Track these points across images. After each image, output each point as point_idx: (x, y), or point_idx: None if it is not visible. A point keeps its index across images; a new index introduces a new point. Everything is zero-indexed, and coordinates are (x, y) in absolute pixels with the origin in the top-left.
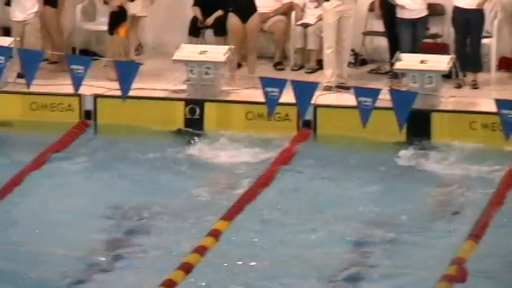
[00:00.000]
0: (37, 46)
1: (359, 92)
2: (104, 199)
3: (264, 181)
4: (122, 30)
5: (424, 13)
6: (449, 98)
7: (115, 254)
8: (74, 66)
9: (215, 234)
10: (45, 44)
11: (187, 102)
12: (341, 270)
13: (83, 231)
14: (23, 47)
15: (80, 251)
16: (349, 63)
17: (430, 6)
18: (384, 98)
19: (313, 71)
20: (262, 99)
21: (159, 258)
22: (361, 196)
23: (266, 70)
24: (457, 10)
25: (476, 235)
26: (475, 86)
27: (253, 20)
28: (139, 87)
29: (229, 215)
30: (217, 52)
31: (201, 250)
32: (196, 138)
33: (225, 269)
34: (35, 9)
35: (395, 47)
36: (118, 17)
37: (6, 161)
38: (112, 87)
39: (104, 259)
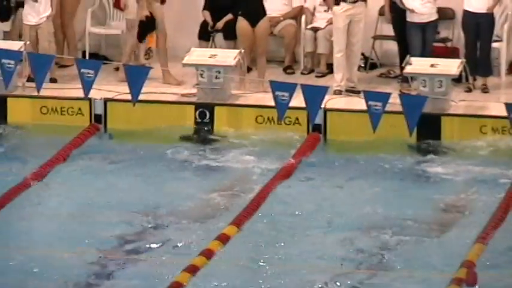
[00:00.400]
0: (50, 51)
1: (369, 96)
2: (113, 202)
3: (273, 185)
4: (150, 39)
5: (434, 17)
6: (459, 102)
7: (123, 257)
8: (84, 70)
9: (223, 238)
10: (58, 49)
11: (197, 106)
12: (350, 274)
13: (91, 235)
14: (35, 51)
15: (88, 254)
16: (359, 67)
17: (440, 10)
18: (394, 102)
19: (323, 75)
20: (272, 103)
21: (167, 262)
22: (370, 199)
23: (276, 74)
24: (467, 14)
25: (484, 237)
26: (485, 90)
27: (263, 24)
28: (149, 91)
29: (239, 220)
30: (227, 56)
31: (207, 253)
32: (206, 142)
33: (232, 273)
34: (48, 13)
35: (405, 51)
36: (147, 26)
37: (16, 165)
38: (122, 91)
39: (112, 262)
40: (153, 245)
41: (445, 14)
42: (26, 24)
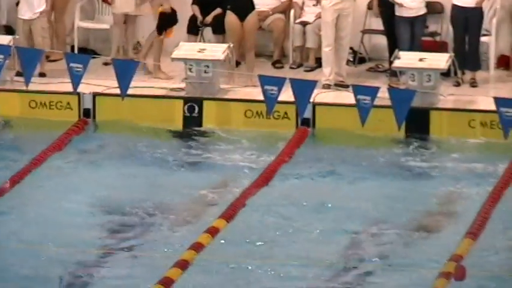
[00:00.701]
0: (45, 46)
1: (358, 90)
2: (102, 197)
3: (262, 180)
4: (170, 32)
5: (423, 11)
6: (448, 96)
7: (112, 252)
8: (72, 65)
9: (212, 231)
10: (52, 44)
11: (186, 100)
12: (342, 267)
13: (80, 229)
14: (29, 46)
15: (77, 249)
16: (348, 62)
17: (429, 4)
18: (383, 96)
19: (312, 69)
20: (261, 97)
21: (156, 256)
22: (359, 194)
23: (265, 68)
24: (455, 8)
25: (473, 233)
26: (473, 84)
27: (251, 18)
28: (138, 85)
29: (228, 214)
30: (215, 50)
31: (197, 247)
32: (194, 136)
33: (223, 267)
34: (42, 8)
35: (394, 45)
36: (169, 19)
37: (5, 160)
38: (111, 85)
39: (101, 257)
40: (143, 240)
41: (433, 8)
42: (20, 18)
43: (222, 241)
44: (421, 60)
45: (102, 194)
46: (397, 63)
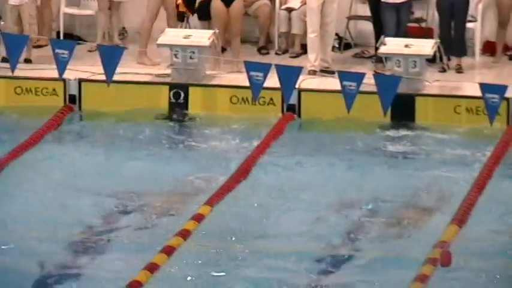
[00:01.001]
0: (31, 33)
1: (343, 76)
2: (88, 183)
3: (247, 166)
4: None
5: None
6: (434, 82)
7: (99, 238)
8: (58, 51)
9: (198, 218)
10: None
11: (172, 86)
12: (325, 254)
13: (67, 215)
14: (18, 32)
15: (64, 234)
16: (334, 48)
17: None
18: (369, 83)
19: (297, 56)
20: (246, 83)
21: (143, 242)
22: (345, 180)
23: (250, 54)
24: None
25: (459, 219)
26: (459, 70)
27: (237, 4)
28: (124, 71)
29: (213, 200)
30: (201, 36)
31: (184, 233)
32: (180, 122)
33: (208, 253)
34: None
35: (379, 31)
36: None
37: None
38: (96, 71)
39: (88, 243)
40: (128, 226)
41: None
42: (8, 3)
43: (208, 227)
44: (406, 46)
45: (87, 179)
46: (382, 50)
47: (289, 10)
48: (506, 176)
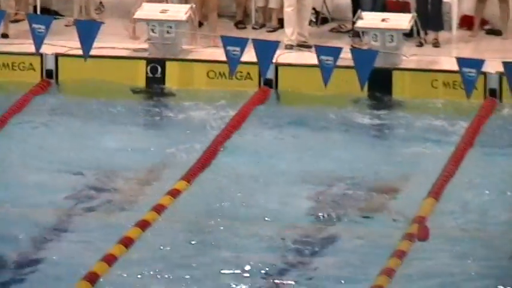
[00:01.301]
0: (9, 8)
1: (320, 50)
2: (66, 158)
3: (222, 140)
4: None
5: None
6: (411, 56)
7: (75, 214)
8: (35, 26)
9: (174, 193)
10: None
11: (149, 61)
12: (305, 228)
13: (42, 190)
14: None
15: (42, 210)
16: (311, 22)
17: None
18: (346, 57)
19: (274, 30)
20: (223, 58)
21: (119, 217)
22: (322, 154)
23: (227, 29)
24: None
25: (436, 192)
26: (436, 44)
27: None
28: (101, 46)
29: (189, 175)
30: (178, 11)
31: (158, 208)
32: (157, 97)
33: (182, 228)
34: None
35: (356, 6)
36: None
37: None
38: (73, 46)
39: (64, 218)
40: (105, 201)
41: None
42: None
43: (185, 201)
44: (383, 20)
45: (65, 154)
46: (359, 24)
47: None
48: (483, 150)
